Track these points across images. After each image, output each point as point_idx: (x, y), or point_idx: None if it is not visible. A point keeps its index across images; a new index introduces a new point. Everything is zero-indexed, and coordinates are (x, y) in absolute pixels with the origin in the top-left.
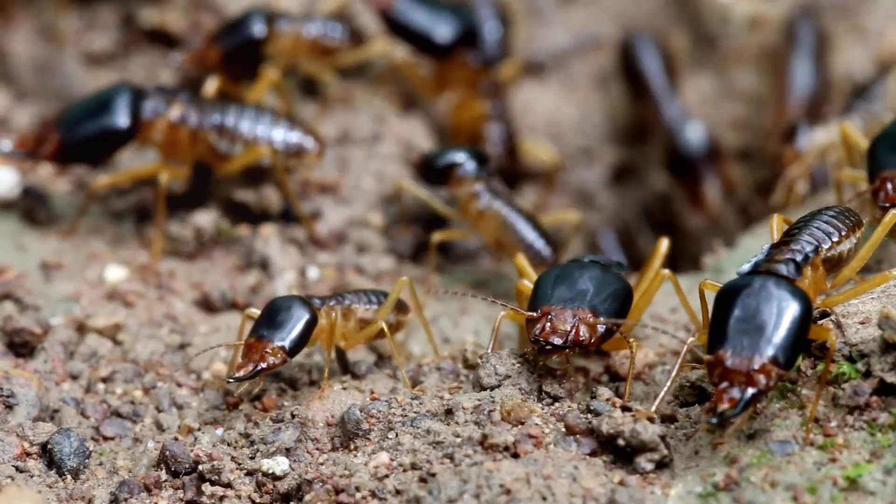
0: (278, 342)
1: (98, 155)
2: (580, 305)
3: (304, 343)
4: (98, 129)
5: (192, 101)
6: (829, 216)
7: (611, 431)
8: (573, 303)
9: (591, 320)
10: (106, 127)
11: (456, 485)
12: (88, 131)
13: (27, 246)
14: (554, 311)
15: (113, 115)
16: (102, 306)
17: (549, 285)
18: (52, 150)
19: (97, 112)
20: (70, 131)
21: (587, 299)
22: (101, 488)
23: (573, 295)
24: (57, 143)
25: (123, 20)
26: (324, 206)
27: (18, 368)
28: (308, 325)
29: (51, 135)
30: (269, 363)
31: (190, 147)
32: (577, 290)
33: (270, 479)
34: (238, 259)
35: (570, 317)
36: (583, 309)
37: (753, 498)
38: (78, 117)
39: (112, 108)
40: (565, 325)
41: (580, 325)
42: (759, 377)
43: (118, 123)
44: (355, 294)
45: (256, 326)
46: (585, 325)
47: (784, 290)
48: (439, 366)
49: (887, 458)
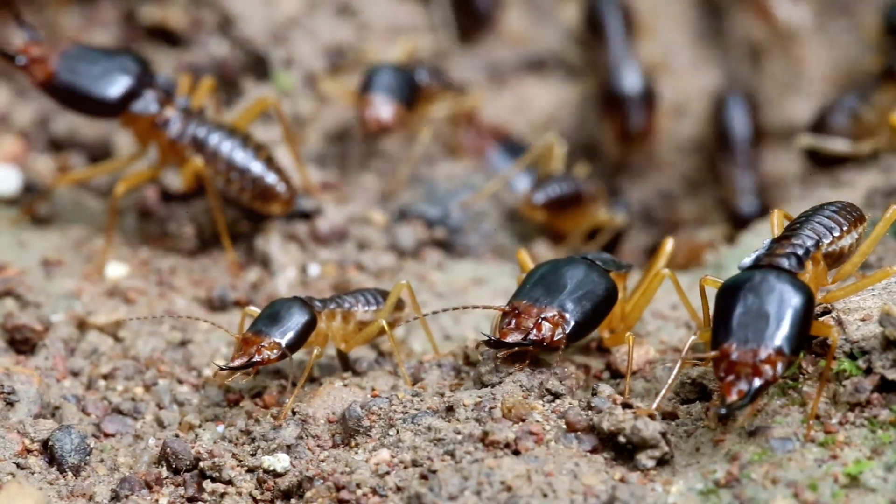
0: (276, 337)
1: (75, 109)
2: (549, 304)
3: (302, 343)
4: (87, 88)
5: (186, 110)
6: (831, 211)
7: (612, 428)
8: (542, 301)
9: (556, 319)
10: (94, 92)
11: (457, 482)
12: (78, 84)
13: (28, 242)
14: (521, 307)
15: (109, 85)
16: (103, 303)
17: (529, 281)
18: (42, 76)
19: (97, 72)
20: (66, 70)
21: (558, 298)
22: (102, 485)
23: (546, 293)
24: (49, 73)
25: (124, 17)
26: (324, 204)
27: (19, 365)
28: (307, 325)
29: (51, 62)
30: (264, 357)
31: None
32: (551, 288)
33: (271, 476)
34: (239, 256)
35: (534, 314)
36: (550, 307)
37: (754, 495)
38: (81, 63)
39: (111, 78)
40: (528, 321)
41: (542, 324)
42: (766, 368)
43: (107, 95)
44: (353, 295)
45: (256, 322)
46: (549, 323)
47: (786, 282)
48: (440, 363)
49: (888, 455)
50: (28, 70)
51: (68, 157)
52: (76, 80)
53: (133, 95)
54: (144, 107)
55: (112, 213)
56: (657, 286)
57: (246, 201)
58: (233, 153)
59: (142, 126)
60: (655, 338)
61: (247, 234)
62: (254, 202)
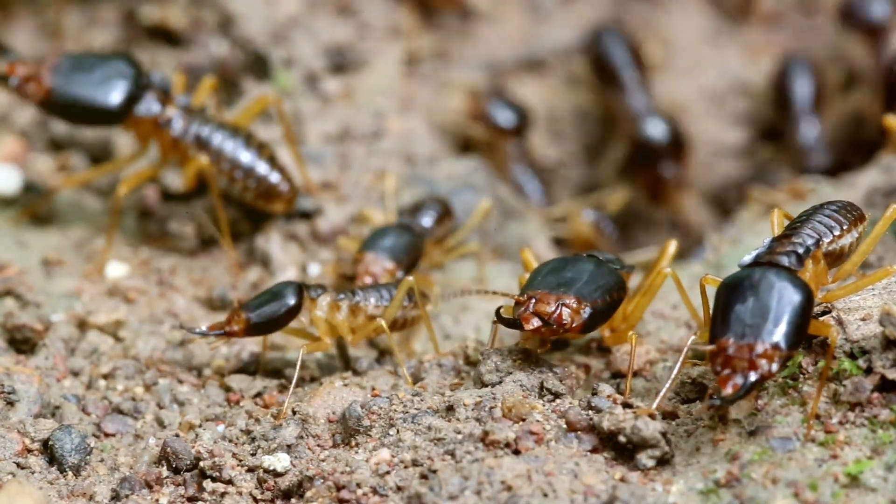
0: (246, 313)
1: (77, 121)
2: (566, 291)
3: (276, 324)
4: (88, 99)
5: (187, 109)
6: (832, 210)
7: (612, 428)
8: (559, 289)
9: (575, 305)
10: (96, 102)
11: (457, 481)
12: (78, 96)
13: (28, 242)
14: (539, 294)
15: (108, 92)
16: (103, 303)
17: (541, 274)
18: (40, 94)
19: (95, 81)
20: (63, 84)
21: (574, 287)
22: (103, 485)
23: (561, 282)
24: (46, 90)
25: (124, 17)
26: (324, 203)
27: (20, 365)
28: (288, 309)
29: (43, 77)
30: (230, 329)
31: (170, 153)
32: (565, 278)
33: (271, 476)
34: (239, 256)
35: (553, 301)
36: (568, 294)
37: (754, 494)
38: (76, 74)
39: (110, 85)
40: (548, 307)
41: (562, 309)
42: (762, 362)
43: (110, 103)
44: (367, 290)
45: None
46: (569, 309)
47: (785, 279)
48: (440, 362)
49: (888, 455)
50: (22, 90)
51: (68, 157)
52: (76, 92)
53: (135, 99)
54: (147, 108)
55: (113, 214)
56: (659, 286)
57: (249, 200)
58: (236, 152)
59: (144, 127)
60: (656, 338)
61: (247, 233)
62: (257, 200)
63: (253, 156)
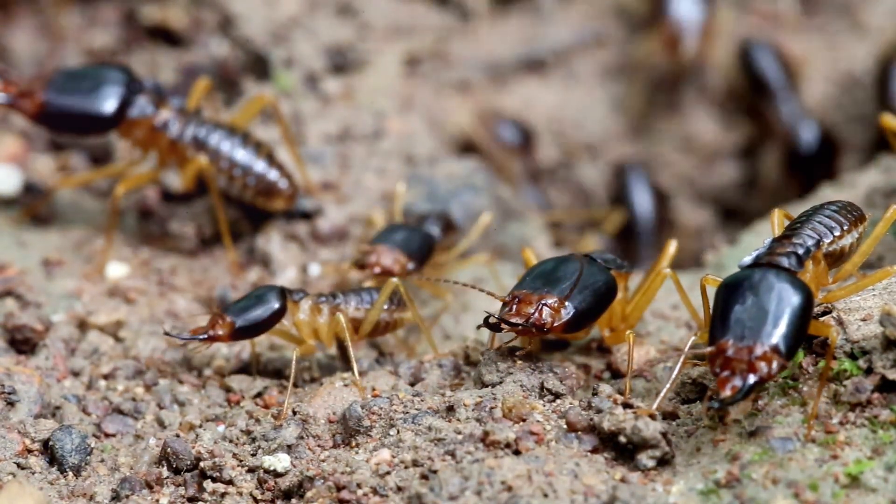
0: (231, 317)
1: (73, 132)
2: (549, 291)
3: (260, 328)
4: (82, 108)
5: (182, 110)
6: (832, 210)
7: (612, 428)
8: (543, 289)
9: (556, 305)
10: (90, 109)
11: (457, 482)
12: (72, 106)
13: (28, 242)
14: (522, 294)
15: (101, 99)
16: (104, 303)
17: (530, 274)
18: (33, 109)
19: (87, 90)
20: (56, 96)
21: (558, 286)
22: (103, 485)
23: (546, 282)
24: (39, 104)
25: (125, 17)
26: (325, 204)
27: (20, 365)
28: (272, 313)
29: (37, 92)
30: (214, 333)
31: (168, 155)
32: (552, 278)
33: (272, 476)
34: (239, 256)
35: (535, 301)
36: (550, 294)
37: (755, 495)
38: (68, 86)
39: (102, 92)
40: (529, 308)
41: (543, 309)
42: (761, 364)
43: (103, 110)
44: (348, 293)
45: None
46: (549, 308)
47: (785, 281)
48: (441, 362)
49: (889, 455)
50: (17, 107)
51: (68, 158)
52: (69, 103)
53: (128, 103)
54: (141, 111)
55: (112, 214)
56: (658, 286)
57: (249, 198)
58: (234, 151)
59: (141, 131)
60: (656, 338)
61: (247, 233)
62: (256, 199)
63: (251, 154)
